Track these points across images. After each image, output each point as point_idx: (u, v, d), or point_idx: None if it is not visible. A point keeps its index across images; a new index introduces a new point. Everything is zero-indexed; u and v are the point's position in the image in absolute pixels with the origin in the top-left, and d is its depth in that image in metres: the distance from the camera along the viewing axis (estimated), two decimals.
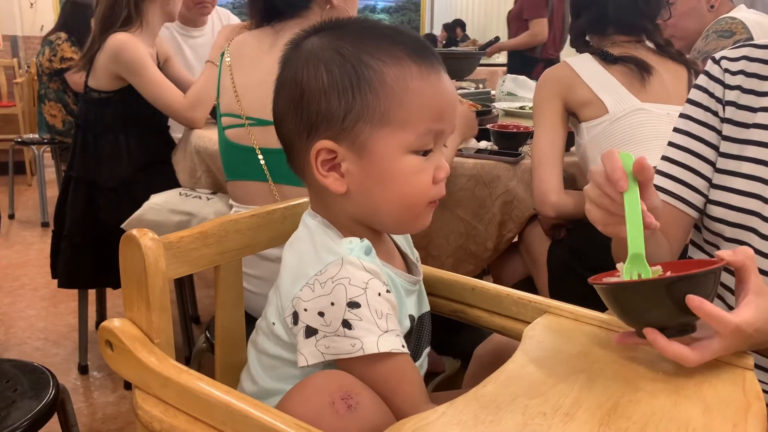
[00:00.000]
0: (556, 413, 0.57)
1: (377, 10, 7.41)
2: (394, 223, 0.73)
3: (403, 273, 0.77)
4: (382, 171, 0.68)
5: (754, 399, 0.59)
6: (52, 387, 1.10)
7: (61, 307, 2.55)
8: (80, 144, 1.93)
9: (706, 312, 0.60)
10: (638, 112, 1.39)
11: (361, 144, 0.67)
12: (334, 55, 0.68)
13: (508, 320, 0.83)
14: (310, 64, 0.69)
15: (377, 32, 0.70)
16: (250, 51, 1.35)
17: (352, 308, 0.64)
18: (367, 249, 0.68)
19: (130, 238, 0.68)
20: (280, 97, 0.72)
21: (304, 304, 0.66)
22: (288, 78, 0.71)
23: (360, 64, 0.67)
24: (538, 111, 1.47)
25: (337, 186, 0.69)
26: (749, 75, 0.91)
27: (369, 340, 0.64)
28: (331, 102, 0.67)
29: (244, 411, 0.57)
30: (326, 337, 0.65)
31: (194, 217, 1.68)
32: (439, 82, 0.69)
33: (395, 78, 0.67)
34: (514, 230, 1.54)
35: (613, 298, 0.64)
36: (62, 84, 3.67)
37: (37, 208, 3.91)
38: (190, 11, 2.29)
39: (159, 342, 0.69)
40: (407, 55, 0.68)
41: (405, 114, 0.67)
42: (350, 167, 0.69)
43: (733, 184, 0.90)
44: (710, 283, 0.63)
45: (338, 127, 0.67)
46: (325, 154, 0.68)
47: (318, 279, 0.66)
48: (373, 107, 0.67)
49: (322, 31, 0.71)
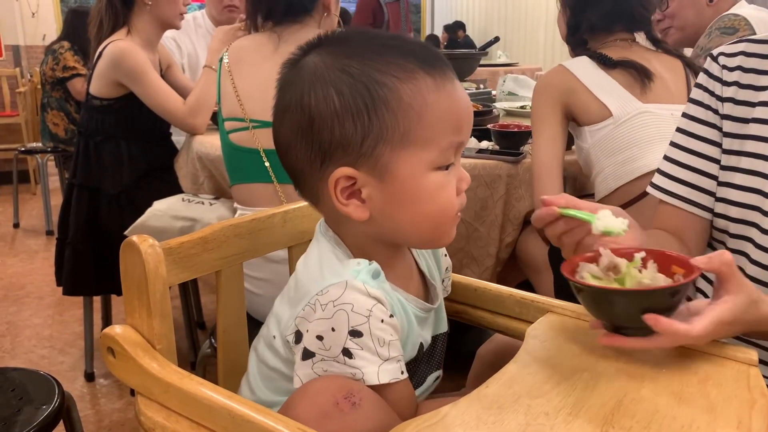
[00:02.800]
0: (559, 413, 0.56)
1: None
2: (420, 242, 0.71)
3: (416, 299, 0.73)
4: (406, 192, 0.64)
5: (758, 396, 0.59)
6: (58, 395, 1.10)
7: (66, 315, 2.56)
8: (82, 151, 1.94)
9: (662, 328, 0.61)
10: (642, 114, 1.38)
11: (382, 167, 0.63)
12: (341, 75, 0.63)
13: (510, 320, 0.83)
14: (317, 87, 0.64)
15: (383, 44, 0.66)
16: (250, 56, 1.35)
17: (354, 337, 0.62)
18: (374, 273, 0.65)
19: (130, 244, 0.68)
20: (284, 123, 0.67)
21: (306, 325, 0.64)
22: (292, 103, 0.66)
23: (372, 83, 0.63)
24: (538, 119, 1.45)
25: (360, 213, 0.65)
26: (747, 70, 0.91)
27: (370, 371, 0.62)
28: (345, 127, 0.63)
29: (246, 416, 0.57)
30: (324, 361, 0.63)
31: (197, 223, 1.68)
32: (454, 91, 0.66)
33: (411, 94, 0.63)
34: (512, 234, 1.53)
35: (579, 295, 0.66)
36: (64, 92, 3.69)
37: (41, 216, 3.93)
38: (220, 14, 2.30)
39: (161, 348, 0.69)
40: (419, 67, 0.64)
41: (426, 131, 0.63)
42: (372, 192, 0.65)
43: (733, 179, 0.89)
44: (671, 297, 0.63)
45: (356, 153, 0.63)
46: (344, 181, 0.64)
47: (319, 300, 0.63)
48: (392, 128, 0.62)
49: (322, 47, 0.67)
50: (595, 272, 0.67)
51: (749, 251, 0.87)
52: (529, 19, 7.17)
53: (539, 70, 5.17)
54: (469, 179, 0.70)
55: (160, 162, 1.98)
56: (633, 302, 0.63)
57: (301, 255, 0.87)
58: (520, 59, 6.78)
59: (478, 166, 1.47)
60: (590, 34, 1.51)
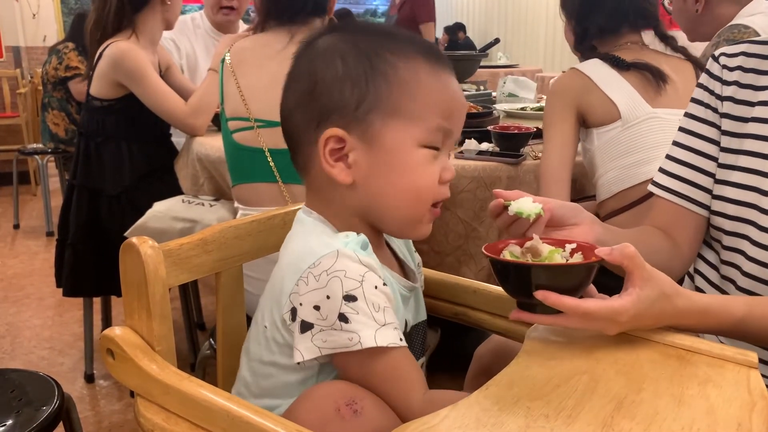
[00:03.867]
0: (559, 415, 0.56)
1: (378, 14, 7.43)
2: (396, 222, 0.72)
3: (400, 277, 0.76)
4: (391, 162, 0.68)
5: (758, 398, 0.59)
6: (57, 396, 1.10)
7: (66, 317, 2.56)
8: (83, 152, 1.94)
9: (550, 301, 0.64)
10: (651, 119, 1.38)
11: (372, 134, 0.68)
12: (350, 47, 0.69)
13: (510, 322, 0.83)
14: (326, 55, 0.70)
15: (392, 32, 0.73)
16: (253, 56, 1.36)
17: (349, 301, 0.63)
18: (363, 244, 0.67)
19: (130, 246, 0.68)
20: (290, 91, 0.73)
21: (300, 299, 0.65)
22: (301, 71, 0.72)
23: (375, 56, 0.68)
24: (550, 124, 1.44)
25: (344, 176, 0.69)
26: (747, 70, 0.92)
27: (366, 334, 0.63)
28: (344, 91, 0.68)
29: (245, 417, 0.57)
30: (323, 331, 0.64)
31: (197, 224, 1.68)
32: (450, 82, 0.71)
33: (409, 72, 0.68)
34: None
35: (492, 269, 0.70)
36: (66, 93, 3.70)
37: (41, 217, 3.93)
38: (215, 15, 2.30)
39: (160, 349, 0.68)
40: (421, 54, 0.70)
41: (417, 108, 0.68)
42: (358, 158, 0.68)
43: (730, 177, 0.90)
44: (560, 274, 0.66)
45: (350, 117, 0.68)
46: (334, 143, 0.68)
47: (312, 272, 0.64)
48: (386, 98, 0.67)
49: (337, 30, 0.73)
50: (515, 252, 0.71)
51: (746, 249, 0.87)
52: (530, 20, 7.18)
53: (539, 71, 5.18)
54: (454, 171, 0.73)
55: (161, 163, 1.98)
56: (526, 275, 0.65)
57: None
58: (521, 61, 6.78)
59: (478, 167, 1.47)
60: (599, 38, 1.51)
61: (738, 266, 0.89)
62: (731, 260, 0.90)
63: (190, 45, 2.37)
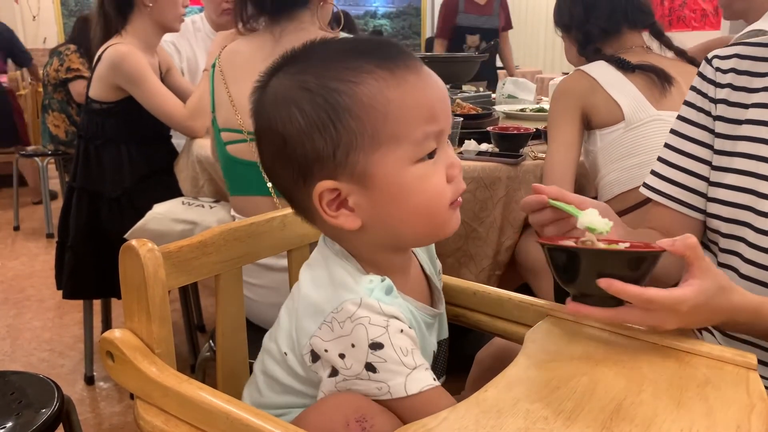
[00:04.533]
0: (558, 417, 0.56)
1: (378, 16, 7.43)
2: (418, 238, 0.70)
3: (425, 306, 0.73)
4: (391, 192, 0.64)
5: (757, 399, 0.59)
6: (57, 398, 1.10)
7: (66, 319, 2.56)
8: (83, 154, 1.94)
9: (615, 289, 0.62)
10: (654, 122, 1.38)
11: (360, 174, 0.63)
12: (300, 92, 0.63)
13: (509, 324, 0.83)
14: (281, 109, 0.64)
15: (340, 51, 0.66)
16: (244, 61, 1.29)
17: (375, 350, 0.60)
18: (387, 289, 0.64)
19: (129, 248, 0.68)
20: (263, 149, 0.68)
21: (324, 345, 0.62)
22: (264, 128, 0.67)
23: (330, 93, 0.62)
24: (554, 125, 1.45)
25: (350, 223, 0.65)
26: (740, 72, 0.92)
27: (396, 383, 0.61)
28: (315, 141, 0.63)
29: (244, 420, 0.57)
30: (347, 380, 0.62)
31: (197, 226, 1.68)
32: (419, 82, 0.64)
33: (371, 95, 0.62)
34: (512, 237, 1.53)
35: (548, 258, 0.68)
36: (66, 95, 3.71)
37: (42, 219, 3.93)
38: (219, 18, 2.29)
39: (160, 352, 0.68)
40: (376, 66, 0.63)
41: (394, 128, 0.62)
42: (358, 200, 0.64)
43: (725, 180, 0.90)
44: (630, 263, 0.64)
45: (331, 165, 0.63)
46: (328, 194, 0.64)
47: (336, 317, 0.62)
48: (360, 133, 0.62)
49: (282, 69, 0.67)
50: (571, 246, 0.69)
51: (742, 251, 0.87)
52: (529, 22, 7.18)
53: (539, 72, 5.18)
54: (461, 164, 0.68)
55: (161, 165, 1.98)
56: (590, 263, 0.64)
57: (300, 258, 0.88)
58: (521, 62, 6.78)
59: (477, 168, 1.47)
60: (602, 41, 1.52)
61: (735, 269, 0.89)
62: (728, 263, 0.90)
63: (190, 48, 2.37)
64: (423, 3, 7.58)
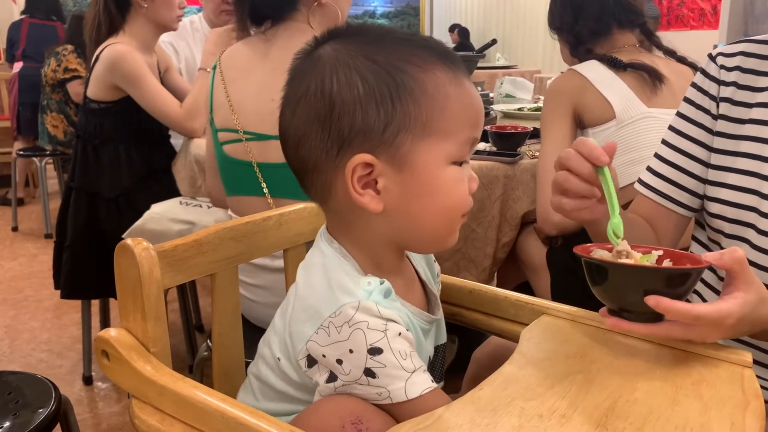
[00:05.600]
0: (553, 415, 0.56)
1: (376, 16, 7.43)
2: (430, 240, 0.68)
3: (422, 312, 0.72)
4: (424, 184, 0.63)
5: (752, 397, 0.59)
6: (54, 398, 1.10)
7: (64, 319, 2.56)
8: (81, 155, 1.94)
9: (663, 306, 0.61)
10: (646, 119, 1.38)
11: (401, 157, 0.62)
12: (366, 62, 0.62)
13: (506, 323, 0.83)
14: (341, 73, 0.62)
15: (399, 37, 0.66)
16: (243, 62, 1.30)
17: (374, 355, 0.60)
18: (386, 291, 0.63)
19: (124, 247, 0.68)
20: (299, 113, 0.65)
21: (322, 350, 0.62)
22: (310, 91, 0.64)
23: (397, 71, 0.62)
24: (547, 124, 1.45)
25: (374, 204, 0.63)
26: (745, 71, 0.91)
27: (396, 387, 0.60)
28: (368, 113, 0.61)
29: (239, 419, 0.57)
30: (346, 386, 0.61)
31: (195, 226, 1.68)
32: (471, 88, 0.66)
33: (434, 85, 0.63)
34: (510, 234, 1.53)
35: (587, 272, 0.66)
36: (64, 95, 3.71)
37: (40, 219, 3.93)
38: (217, 18, 2.29)
39: (155, 351, 0.68)
40: (439, 60, 0.64)
41: (447, 122, 0.63)
42: (388, 183, 0.63)
43: (728, 179, 0.89)
44: (675, 280, 0.63)
45: (377, 140, 0.62)
46: (361, 169, 0.63)
47: (333, 322, 0.61)
48: (415, 117, 0.62)
49: (339, 38, 0.66)
50: (607, 257, 0.67)
51: (746, 251, 0.87)
52: (528, 21, 7.18)
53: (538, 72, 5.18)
54: (478, 181, 0.69)
55: (159, 165, 1.98)
56: (635, 280, 0.62)
57: (296, 258, 0.88)
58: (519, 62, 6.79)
59: (475, 167, 1.47)
60: (592, 41, 1.52)
61: None
62: None
63: (188, 48, 2.37)
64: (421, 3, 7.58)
